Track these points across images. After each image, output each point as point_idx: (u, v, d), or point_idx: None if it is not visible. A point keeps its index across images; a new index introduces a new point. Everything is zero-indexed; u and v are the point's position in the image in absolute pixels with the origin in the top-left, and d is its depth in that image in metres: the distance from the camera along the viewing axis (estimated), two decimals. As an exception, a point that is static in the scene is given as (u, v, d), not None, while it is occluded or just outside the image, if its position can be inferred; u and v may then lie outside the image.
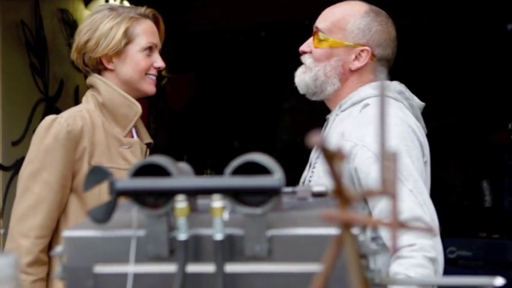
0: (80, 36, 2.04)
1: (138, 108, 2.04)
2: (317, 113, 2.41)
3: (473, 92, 6.05)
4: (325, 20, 1.95)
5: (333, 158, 0.53)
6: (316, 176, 1.87)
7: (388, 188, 0.51)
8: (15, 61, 4.28)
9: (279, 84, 6.49)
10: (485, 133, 5.75)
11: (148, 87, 2.07)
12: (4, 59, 4.11)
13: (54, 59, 4.72)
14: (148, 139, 2.13)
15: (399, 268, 1.65)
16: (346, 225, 0.56)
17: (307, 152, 1.97)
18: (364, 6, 1.96)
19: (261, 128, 7.21)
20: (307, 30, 2.06)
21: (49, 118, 1.97)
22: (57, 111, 2.07)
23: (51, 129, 1.92)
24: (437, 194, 1.85)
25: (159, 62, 2.07)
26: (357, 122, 1.83)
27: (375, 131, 1.76)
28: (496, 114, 5.76)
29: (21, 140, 4.24)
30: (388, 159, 0.50)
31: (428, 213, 1.71)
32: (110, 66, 2.04)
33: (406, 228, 0.52)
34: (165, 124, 6.87)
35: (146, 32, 2.05)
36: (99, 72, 2.06)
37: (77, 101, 4.83)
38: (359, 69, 1.94)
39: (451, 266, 4.46)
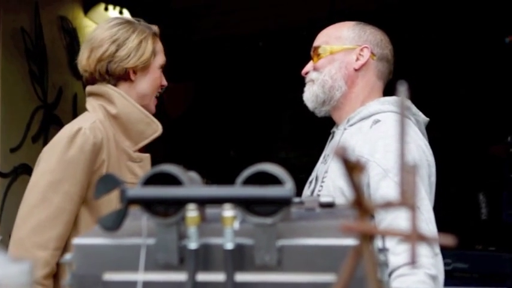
0: (105, 47, 2.00)
1: (158, 127, 2.09)
2: (314, 124, 2.42)
3: (470, 104, 6.08)
4: (319, 37, 2.05)
5: (352, 169, 0.54)
6: (326, 190, 1.87)
7: (408, 200, 0.51)
8: (14, 68, 4.29)
9: (276, 94, 6.51)
10: (482, 146, 5.77)
11: (153, 107, 2.14)
12: (4, 66, 4.13)
13: (53, 66, 4.73)
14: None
15: (401, 285, 1.66)
16: (365, 237, 0.57)
17: (306, 163, 1.99)
18: (353, 22, 2.05)
19: (257, 138, 7.22)
20: (305, 41, 2.11)
21: (72, 129, 1.93)
22: (56, 119, 2.08)
23: (76, 140, 1.89)
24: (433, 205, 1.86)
25: (164, 81, 2.15)
26: (368, 138, 1.86)
27: (385, 147, 1.79)
28: (494, 127, 5.78)
29: (20, 147, 4.24)
30: (407, 171, 0.51)
31: (433, 232, 1.74)
32: (132, 77, 2.05)
33: (425, 240, 0.53)
34: (162, 132, 6.86)
35: (162, 50, 2.12)
36: (115, 84, 2.04)
37: (75, 108, 4.83)
38: (362, 69, 1.98)
39: (447, 278, 4.44)
